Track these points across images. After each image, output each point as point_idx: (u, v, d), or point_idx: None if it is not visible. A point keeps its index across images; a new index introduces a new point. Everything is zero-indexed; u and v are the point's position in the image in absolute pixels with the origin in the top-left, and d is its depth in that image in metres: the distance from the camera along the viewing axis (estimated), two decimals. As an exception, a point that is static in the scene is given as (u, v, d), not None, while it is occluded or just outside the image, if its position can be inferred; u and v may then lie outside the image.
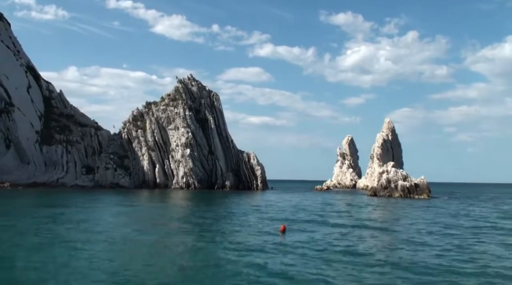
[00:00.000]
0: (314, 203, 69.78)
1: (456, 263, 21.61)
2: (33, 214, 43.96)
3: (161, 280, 17.74)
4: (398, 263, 21.47)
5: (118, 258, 21.76)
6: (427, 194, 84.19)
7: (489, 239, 30.35)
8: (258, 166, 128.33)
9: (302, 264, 20.70)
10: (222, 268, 19.69)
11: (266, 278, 18.13)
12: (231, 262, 20.92)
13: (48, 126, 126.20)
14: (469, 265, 21.15)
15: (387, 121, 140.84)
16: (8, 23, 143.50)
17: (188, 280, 17.88)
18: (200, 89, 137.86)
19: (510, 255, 24.58)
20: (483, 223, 41.40)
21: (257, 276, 18.39)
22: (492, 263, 21.89)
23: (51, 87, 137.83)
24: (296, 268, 19.81)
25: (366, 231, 34.06)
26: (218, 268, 19.73)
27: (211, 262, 21.18)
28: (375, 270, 19.80)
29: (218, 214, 47.02)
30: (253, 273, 18.76)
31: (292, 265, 20.52)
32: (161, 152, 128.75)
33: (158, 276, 18.38)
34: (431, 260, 22.32)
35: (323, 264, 20.85)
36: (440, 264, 21.31)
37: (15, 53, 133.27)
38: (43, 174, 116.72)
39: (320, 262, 21.27)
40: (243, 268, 19.63)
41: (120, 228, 32.94)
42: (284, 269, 19.52)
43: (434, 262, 21.81)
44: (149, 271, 19.00)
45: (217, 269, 19.51)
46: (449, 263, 21.61)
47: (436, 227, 36.75)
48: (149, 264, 20.65)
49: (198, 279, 18.03)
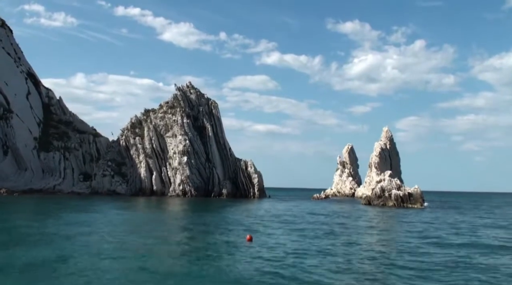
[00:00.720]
0: (299, 212, 69.52)
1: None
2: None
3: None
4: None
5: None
6: (421, 203, 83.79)
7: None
8: (255, 174, 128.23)
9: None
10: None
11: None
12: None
13: (47, 132, 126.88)
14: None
15: (385, 130, 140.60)
16: (10, 30, 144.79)
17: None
18: (198, 96, 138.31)
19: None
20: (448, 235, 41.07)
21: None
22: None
23: (51, 94, 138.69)
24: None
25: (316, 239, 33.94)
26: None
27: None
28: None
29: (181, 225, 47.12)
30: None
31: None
32: (159, 160, 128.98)
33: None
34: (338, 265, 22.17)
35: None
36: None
37: (16, 60, 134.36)
38: (40, 180, 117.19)
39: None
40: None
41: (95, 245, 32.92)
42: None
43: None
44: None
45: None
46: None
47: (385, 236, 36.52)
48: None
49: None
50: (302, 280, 20.24)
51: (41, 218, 50.21)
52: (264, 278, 20.47)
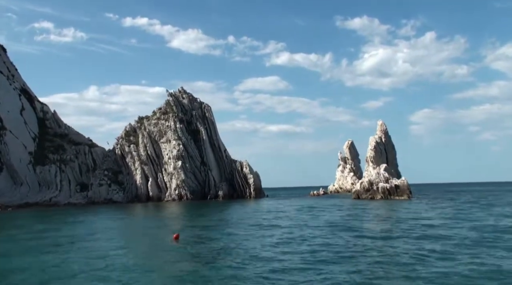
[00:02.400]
0: (277, 209, 69.36)
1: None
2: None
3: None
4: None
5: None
6: (408, 195, 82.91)
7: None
8: (251, 175, 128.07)
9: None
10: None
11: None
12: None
13: (42, 146, 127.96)
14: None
15: (380, 124, 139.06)
16: (3, 48, 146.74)
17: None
18: (191, 101, 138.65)
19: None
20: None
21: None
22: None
23: (46, 108, 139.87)
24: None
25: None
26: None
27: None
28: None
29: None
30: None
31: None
32: (154, 166, 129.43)
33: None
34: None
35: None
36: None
37: (9, 77, 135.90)
38: (36, 194, 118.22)
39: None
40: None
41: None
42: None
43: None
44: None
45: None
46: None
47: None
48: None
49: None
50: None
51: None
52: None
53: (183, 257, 25.30)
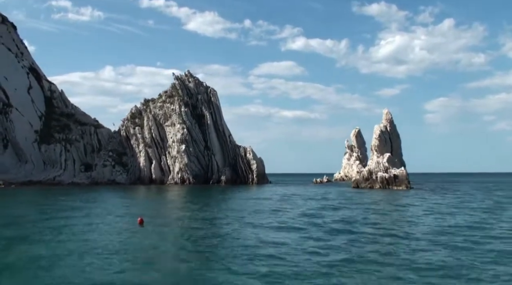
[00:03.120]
0: (265, 196, 69.45)
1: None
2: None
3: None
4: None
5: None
6: (406, 185, 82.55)
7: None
8: (254, 161, 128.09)
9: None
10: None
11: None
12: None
13: (49, 125, 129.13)
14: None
15: (385, 112, 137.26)
16: (13, 26, 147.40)
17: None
18: (197, 85, 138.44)
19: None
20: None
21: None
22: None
23: (53, 88, 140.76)
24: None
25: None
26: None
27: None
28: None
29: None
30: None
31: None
32: (158, 149, 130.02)
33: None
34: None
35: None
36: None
37: (18, 55, 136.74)
38: (41, 172, 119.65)
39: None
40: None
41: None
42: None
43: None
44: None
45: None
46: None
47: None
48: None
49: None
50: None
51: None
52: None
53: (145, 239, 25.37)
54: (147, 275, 17.45)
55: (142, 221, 32.58)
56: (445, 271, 17.68)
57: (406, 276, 16.99)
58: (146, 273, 17.80)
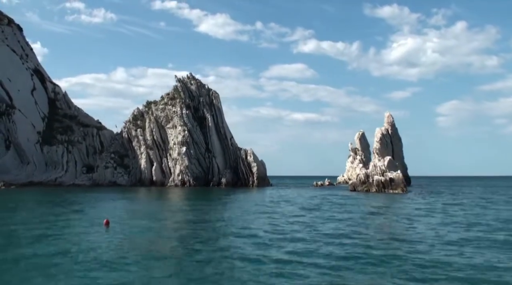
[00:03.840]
0: (258, 199, 69.28)
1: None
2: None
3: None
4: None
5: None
6: (402, 188, 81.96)
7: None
8: (255, 163, 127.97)
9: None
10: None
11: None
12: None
13: (51, 127, 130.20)
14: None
15: (387, 115, 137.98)
16: (19, 27, 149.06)
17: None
18: (199, 87, 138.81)
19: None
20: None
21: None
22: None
23: (57, 89, 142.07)
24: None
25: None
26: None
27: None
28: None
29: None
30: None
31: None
32: (160, 151, 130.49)
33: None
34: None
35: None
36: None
37: (22, 57, 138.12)
38: (42, 174, 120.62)
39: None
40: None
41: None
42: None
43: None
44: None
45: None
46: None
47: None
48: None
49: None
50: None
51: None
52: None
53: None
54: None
55: (108, 222, 32.82)
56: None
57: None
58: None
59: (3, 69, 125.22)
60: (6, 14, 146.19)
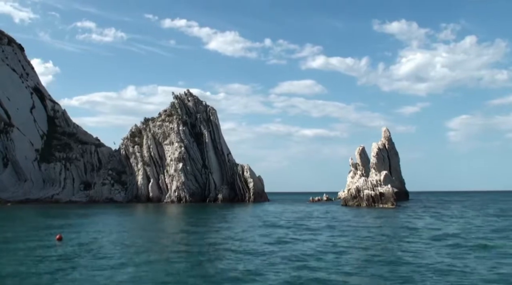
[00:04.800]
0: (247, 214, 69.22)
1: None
2: None
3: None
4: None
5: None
6: (392, 203, 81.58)
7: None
8: (251, 179, 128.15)
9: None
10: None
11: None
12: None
13: (50, 144, 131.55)
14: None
15: (384, 130, 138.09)
16: (20, 47, 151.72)
17: None
18: (196, 104, 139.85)
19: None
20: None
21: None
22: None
23: (57, 107, 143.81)
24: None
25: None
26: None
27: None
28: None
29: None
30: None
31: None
32: (157, 167, 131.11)
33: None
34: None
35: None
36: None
37: (23, 76, 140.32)
38: (40, 191, 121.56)
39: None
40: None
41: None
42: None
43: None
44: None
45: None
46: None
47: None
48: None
49: None
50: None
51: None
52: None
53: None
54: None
55: (61, 237, 33.25)
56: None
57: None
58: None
59: (2, 88, 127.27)
60: (7, 34, 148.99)
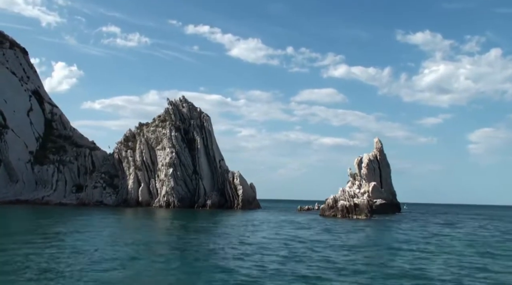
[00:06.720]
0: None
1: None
2: None
3: None
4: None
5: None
6: (366, 214, 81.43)
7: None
8: (240, 186, 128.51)
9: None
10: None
11: None
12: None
13: (45, 146, 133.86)
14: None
15: (376, 141, 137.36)
16: (24, 51, 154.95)
17: None
18: (190, 110, 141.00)
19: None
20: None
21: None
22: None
23: (54, 110, 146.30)
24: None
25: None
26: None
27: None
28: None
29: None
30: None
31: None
32: (148, 172, 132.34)
33: None
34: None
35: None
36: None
37: (22, 79, 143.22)
38: (31, 192, 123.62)
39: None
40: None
41: None
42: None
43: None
44: None
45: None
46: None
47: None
48: None
49: None
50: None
51: None
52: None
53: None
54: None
55: None
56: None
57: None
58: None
59: (0, 91, 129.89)
60: (10, 37, 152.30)
